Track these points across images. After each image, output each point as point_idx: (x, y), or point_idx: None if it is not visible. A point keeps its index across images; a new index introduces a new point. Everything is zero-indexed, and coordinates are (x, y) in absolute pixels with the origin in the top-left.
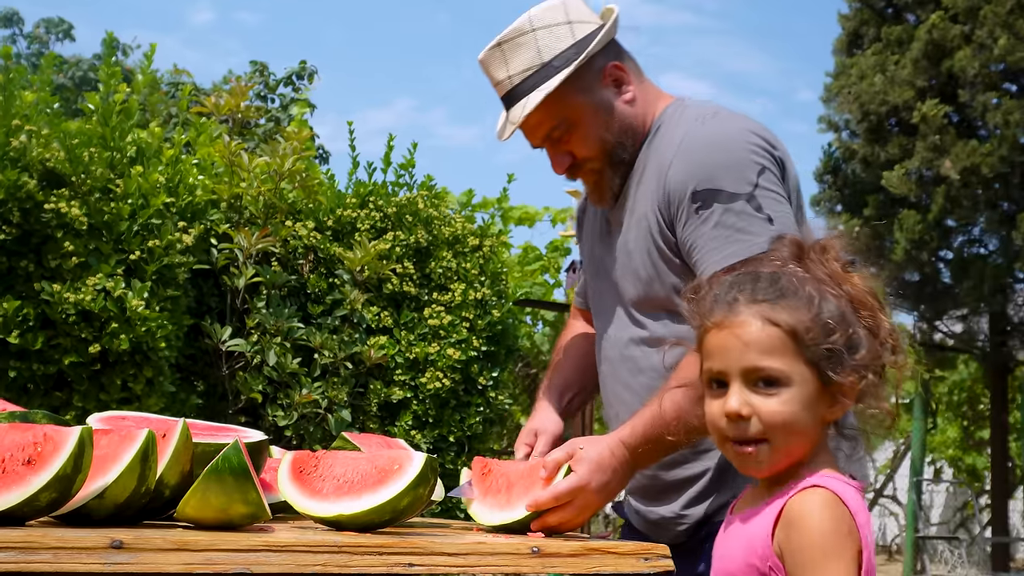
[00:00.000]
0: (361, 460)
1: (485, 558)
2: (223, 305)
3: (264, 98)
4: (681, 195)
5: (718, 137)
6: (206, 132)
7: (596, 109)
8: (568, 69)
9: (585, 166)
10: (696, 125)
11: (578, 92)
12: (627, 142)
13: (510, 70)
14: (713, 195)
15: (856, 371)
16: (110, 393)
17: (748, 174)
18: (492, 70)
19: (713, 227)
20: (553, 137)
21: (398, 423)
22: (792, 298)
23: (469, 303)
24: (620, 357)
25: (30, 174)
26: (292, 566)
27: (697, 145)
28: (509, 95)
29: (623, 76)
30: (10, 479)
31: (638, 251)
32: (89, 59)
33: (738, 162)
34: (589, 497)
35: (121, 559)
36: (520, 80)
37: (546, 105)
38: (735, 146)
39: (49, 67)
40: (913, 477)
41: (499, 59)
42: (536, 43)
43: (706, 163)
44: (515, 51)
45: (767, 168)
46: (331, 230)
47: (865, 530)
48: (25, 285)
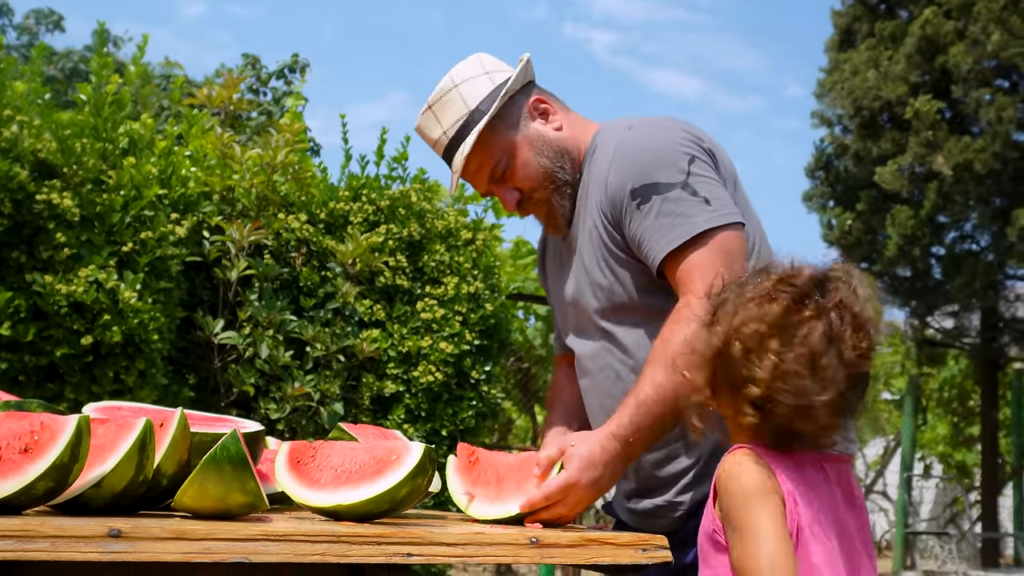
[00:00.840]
0: (359, 450)
1: (483, 548)
2: (215, 298)
3: (256, 91)
4: (621, 196)
5: (647, 138)
6: (198, 124)
7: (529, 141)
8: (493, 108)
9: (533, 197)
10: (627, 133)
11: (508, 129)
12: (565, 165)
13: (443, 126)
14: (650, 189)
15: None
16: (102, 385)
17: (680, 164)
18: (428, 132)
19: (655, 217)
20: (496, 176)
21: (391, 416)
22: (721, 311)
23: (462, 297)
24: (597, 368)
25: (21, 165)
26: (290, 555)
27: (629, 150)
28: (448, 148)
29: (547, 107)
30: (7, 468)
31: (594, 262)
32: (80, 50)
33: (669, 155)
34: (580, 493)
35: (119, 548)
36: (454, 132)
37: (480, 148)
38: (664, 142)
39: (40, 58)
40: (903, 473)
41: (432, 120)
42: (460, 96)
43: (640, 162)
44: (444, 108)
45: (697, 157)
46: (324, 223)
47: (788, 485)
48: (17, 276)
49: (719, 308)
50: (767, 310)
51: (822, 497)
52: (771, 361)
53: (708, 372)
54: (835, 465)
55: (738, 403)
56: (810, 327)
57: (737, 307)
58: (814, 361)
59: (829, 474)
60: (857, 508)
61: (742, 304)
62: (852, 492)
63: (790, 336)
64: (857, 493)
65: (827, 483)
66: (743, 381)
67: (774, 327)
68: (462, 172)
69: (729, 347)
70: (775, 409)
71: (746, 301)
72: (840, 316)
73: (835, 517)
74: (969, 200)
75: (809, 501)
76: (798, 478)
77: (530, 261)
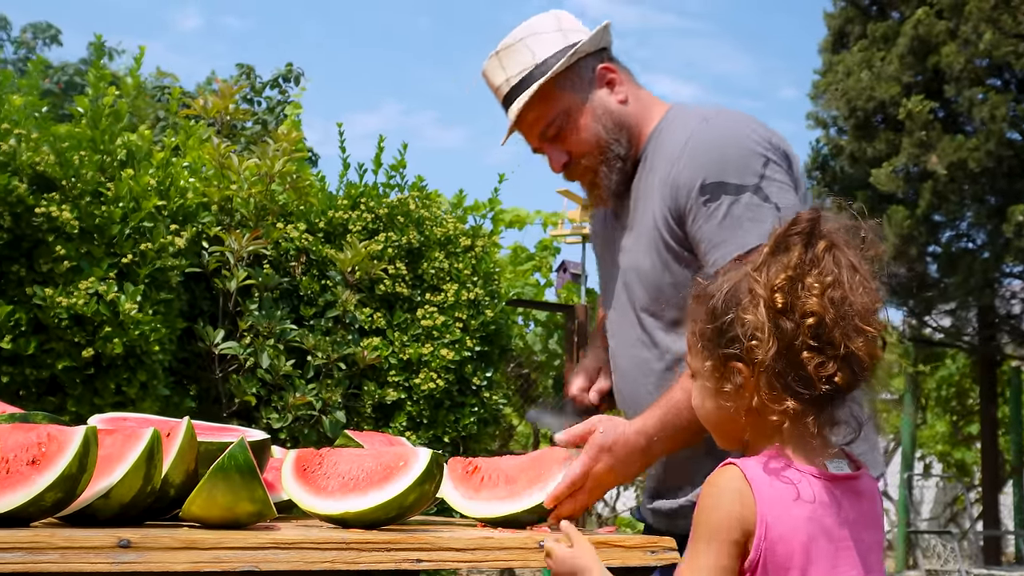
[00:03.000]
0: (366, 457)
1: (492, 553)
2: (215, 308)
3: (251, 101)
4: (689, 191)
5: (723, 134)
6: (195, 135)
7: (589, 107)
8: (558, 64)
9: (580, 163)
10: (702, 124)
11: (571, 90)
12: (621, 139)
13: (507, 73)
14: (720, 188)
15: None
16: (104, 397)
17: (754, 166)
18: (492, 77)
19: (722, 219)
20: (549, 135)
21: (392, 424)
22: (736, 295)
23: (462, 303)
24: (629, 356)
25: (20, 178)
26: (300, 563)
27: (703, 143)
28: (507, 97)
29: (615, 77)
30: (15, 479)
31: (648, 254)
32: (76, 64)
33: (743, 156)
34: (598, 478)
35: (129, 558)
36: (516, 81)
37: (539, 101)
38: (740, 141)
39: (37, 71)
40: (903, 472)
41: (497, 66)
42: (529, 48)
43: (713, 159)
44: (511, 56)
45: (771, 159)
46: (323, 232)
47: (772, 514)
48: (17, 290)
49: (733, 294)
50: (788, 257)
51: (823, 520)
52: (817, 288)
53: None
54: (845, 484)
55: (783, 383)
56: (832, 256)
57: (755, 275)
58: (851, 279)
59: (835, 492)
60: (873, 527)
61: (758, 269)
62: (869, 510)
63: (819, 269)
64: (874, 510)
65: (834, 503)
66: (796, 325)
67: (800, 265)
68: (518, 123)
69: (772, 305)
70: (832, 337)
71: (761, 265)
72: (846, 245)
73: (838, 538)
74: (964, 199)
75: (797, 526)
76: (778, 507)
77: (529, 267)
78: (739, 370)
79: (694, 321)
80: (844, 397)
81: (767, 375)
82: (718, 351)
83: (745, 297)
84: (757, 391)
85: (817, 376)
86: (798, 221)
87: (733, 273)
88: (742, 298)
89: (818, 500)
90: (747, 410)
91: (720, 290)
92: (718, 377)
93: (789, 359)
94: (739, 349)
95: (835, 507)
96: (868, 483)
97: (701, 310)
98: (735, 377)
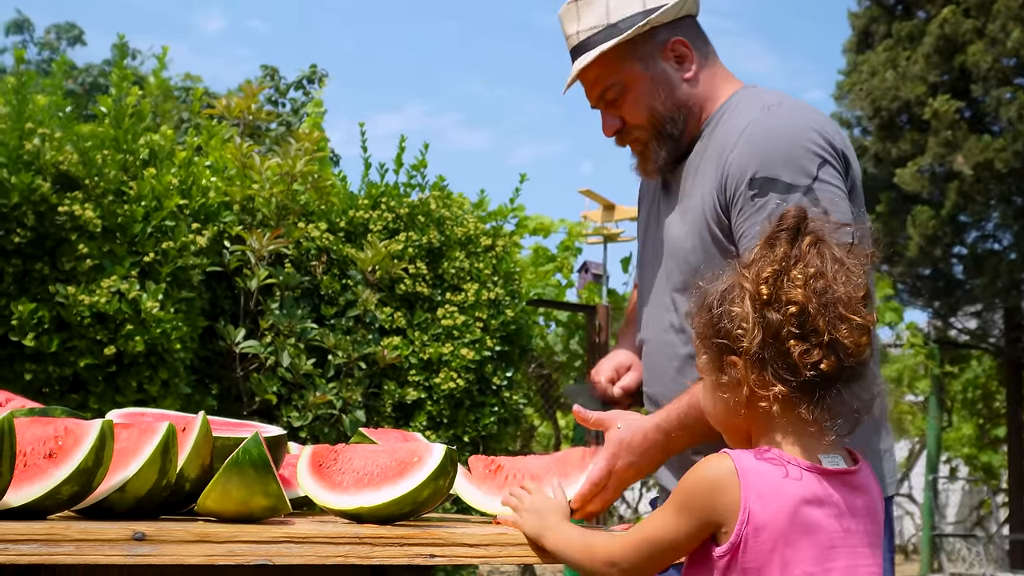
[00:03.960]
0: (380, 453)
1: (506, 549)
2: (236, 307)
3: (275, 102)
4: (739, 181)
5: (782, 127)
6: (218, 135)
7: (652, 78)
8: (628, 32)
9: (633, 133)
10: (762, 113)
11: (636, 58)
12: (679, 118)
13: (580, 26)
14: (771, 184)
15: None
16: (125, 395)
17: (808, 166)
18: (565, 24)
19: (766, 218)
20: (607, 98)
21: (413, 423)
22: (730, 290)
23: (482, 303)
24: (658, 340)
25: (44, 177)
26: (313, 557)
27: (760, 133)
28: (575, 49)
29: (687, 53)
30: (32, 473)
31: (691, 235)
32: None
33: (799, 153)
34: (620, 475)
35: (143, 551)
36: (587, 36)
37: (602, 64)
38: (798, 137)
39: (61, 71)
40: (928, 475)
41: (572, 14)
42: (607, 4)
43: (767, 152)
44: (587, 9)
45: (828, 161)
46: (344, 231)
47: (758, 503)
48: (40, 288)
49: (726, 291)
50: (774, 252)
51: (811, 512)
52: (800, 279)
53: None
54: (839, 478)
55: (772, 370)
56: (817, 250)
57: (744, 272)
58: (834, 271)
59: (828, 485)
60: (867, 521)
61: (747, 267)
62: (864, 504)
63: (803, 262)
64: (870, 505)
65: (825, 496)
66: (781, 314)
67: (785, 259)
68: (580, 77)
69: (758, 297)
70: (816, 325)
71: (750, 263)
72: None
73: (826, 530)
74: (990, 199)
75: (781, 516)
76: (765, 499)
77: (550, 268)
78: (733, 363)
79: (695, 321)
80: (836, 386)
81: (755, 363)
82: (713, 345)
83: (735, 292)
84: (747, 380)
85: (802, 363)
86: (785, 219)
87: (728, 273)
88: (732, 293)
89: (808, 492)
90: (745, 402)
91: (716, 289)
92: (716, 370)
93: (776, 347)
94: (730, 341)
95: (826, 500)
96: (865, 479)
97: (699, 309)
98: (730, 370)
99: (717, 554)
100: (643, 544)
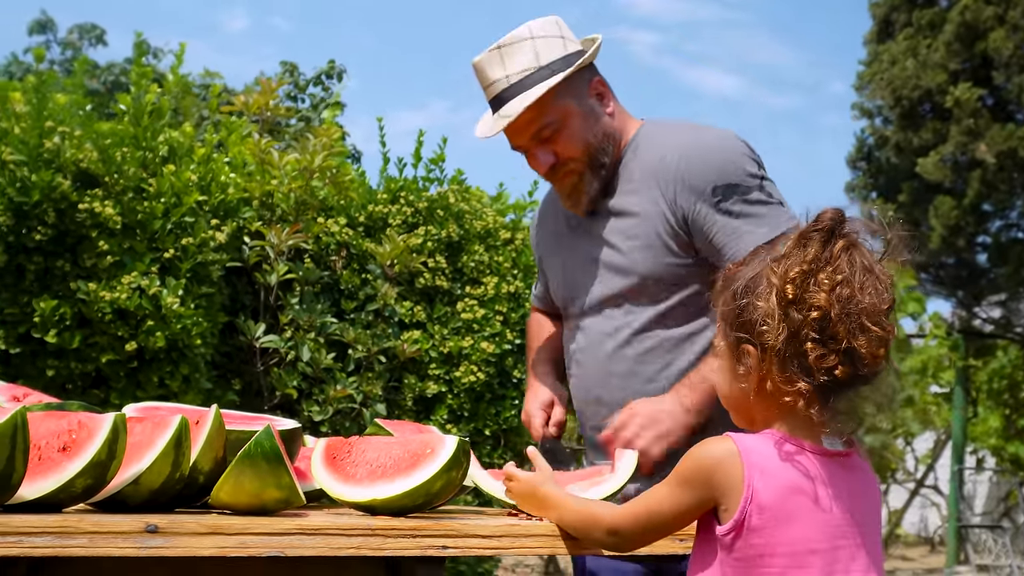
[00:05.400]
0: (393, 445)
1: (519, 540)
2: (256, 302)
3: (294, 98)
4: (697, 196)
5: (719, 142)
6: (237, 131)
7: (584, 114)
8: (565, 72)
9: (567, 166)
10: (693, 133)
11: (570, 96)
12: (608, 148)
13: (507, 70)
14: (731, 190)
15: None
16: (147, 390)
17: (752, 169)
18: (489, 70)
19: (737, 217)
20: (542, 136)
21: (433, 417)
22: (757, 280)
23: (502, 296)
24: (598, 347)
25: (64, 175)
26: (326, 549)
27: (699, 152)
28: (504, 93)
29: (605, 92)
30: (46, 466)
31: (638, 248)
32: (121, 63)
33: (742, 160)
34: (648, 448)
35: (156, 543)
36: (517, 79)
37: (541, 103)
38: (735, 148)
39: (82, 70)
40: (954, 466)
41: (497, 61)
42: (534, 49)
43: (716, 163)
44: (513, 55)
45: (760, 163)
46: (363, 226)
47: (761, 480)
48: (62, 285)
49: (753, 281)
50: (806, 252)
51: (814, 490)
52: (826, 284)
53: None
54: (838, 459)
55: (789, 367)
56: (848, 256)
57: (774, 266)
58: (862, 280)
59: (829, 466)
60: (865, 500)
61: (777, 261)
62: (861, 483)
63: (833, 267)
64: (867, 482)
65: (827, 475)
66: (803, 317)
67: (816, 261)
68: (512, 122)
69: (783, 295)
70: (836, 332)
71: (781, 257)
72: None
73: (829, 509)
74: (1014, 188)
75: (784, 494)
76: (770, 478)
77: None
78: (749, 352)
79: (719, 302)
80: (846, 390)
81: (779, 359)
82: (733, 333)
83: (762, 285)
84: (770, 374)
85: (816, 367)
86: (821, 219)
87: (758, 261)
88: (759, 286)
89: (810, 471)
90: (755, 391)
91: (744, 276)
92: (732, 357)
93: (795, 347)
94: (751, 333)
95: (829, 480)
96: (858, 460)
97: (726, 292)
98: (746, 359)
99: (720, 532)
100: (643, 515)
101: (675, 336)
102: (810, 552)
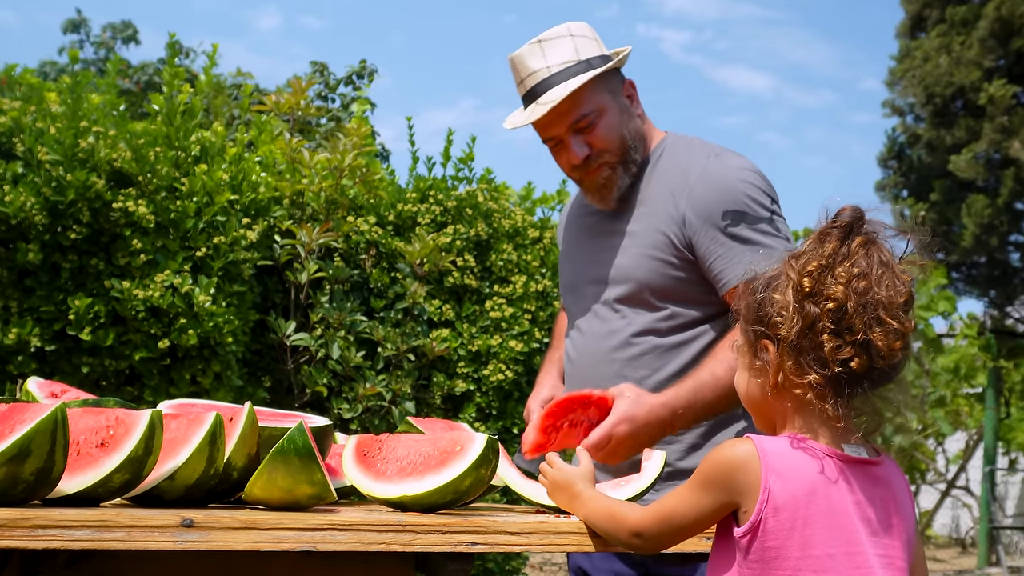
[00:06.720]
0: (423, 442)
1: (547, 537)
2: (287, 300)
3: (325, 98)
4: (707, 218)
5: (735, 171)
6: (267, 130)
7: (620, 109)
8: (604, 67)
9: (601, 158)
10: (712, 159)
11: (607, 91)
12: (639, 148)
13: (548, 61)
14: (740, 217)
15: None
16: (179, 387)
17: (765, 202)
18: (528, 61)
19: (743, 243)
20: (579, 127)
21: (462, 415)
22: (777, 278)
23: (530, 295)
24: (594, 347)
25: (98, 174)
26: (357, 544)
27: (718, 176)
28: (545, 82)
29: (635, 94)
30: (84, 461)
31: (646, 257)
32: (154, 63)
33: (756, 192)
34: (618, 440)
35: (192, 537)
36: (558, 70)
37: (582, 93)
38: (751, 179)
39: (115, 70)
40: (986, 467)
41: (537, 53)
42: (574, 44)
43: (732, 189)
44: (554, 47)
45: (775, 199)
46: (392, 225)
47: (777, 483)
48: (96, 283)
49: (772, 277)
50: (824, 247)
51: (831, 495)
52: (843, 277)
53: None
54: (860, 467)
55: (804, 360)
56: (866, 251)
57: (792, 261)
58: (879, 273)
59: (848, 472)
60: (888, 511)
61: (796, 257)
62: (884, 495)
63: (850, 261)
64: (891, 496)
65: (845, 482)
66: (819, 309)
67: (833, 256)
68: (552, 108)
69: (800, 288)
70: (852, 323)
71: (800, 253)
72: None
73: (845, 514)
74: None
75: (800, 497)
76: (788, 483)
77: None
78: (767, 347)
79: (740, 301)
80: (863, 385)
81: (791, 351)
82: (750, 327)
83: (780, 280)
84: (784, 367)
85: (832, 358)
86: (840, 216)
87: (778, 261)
88: (778, 281)
89: (827, 476)
90: (771, 386)
91: (764, 276)
92: (750, 353)
93: (810, 339)
94: (767, 326)
95: (846, 486)
96: (888, 471)
97: (745, 292)
98: (763, 354)
99: (738, 534)
100: (665, 518)
101: (666, 344)
102: (827, 556)
